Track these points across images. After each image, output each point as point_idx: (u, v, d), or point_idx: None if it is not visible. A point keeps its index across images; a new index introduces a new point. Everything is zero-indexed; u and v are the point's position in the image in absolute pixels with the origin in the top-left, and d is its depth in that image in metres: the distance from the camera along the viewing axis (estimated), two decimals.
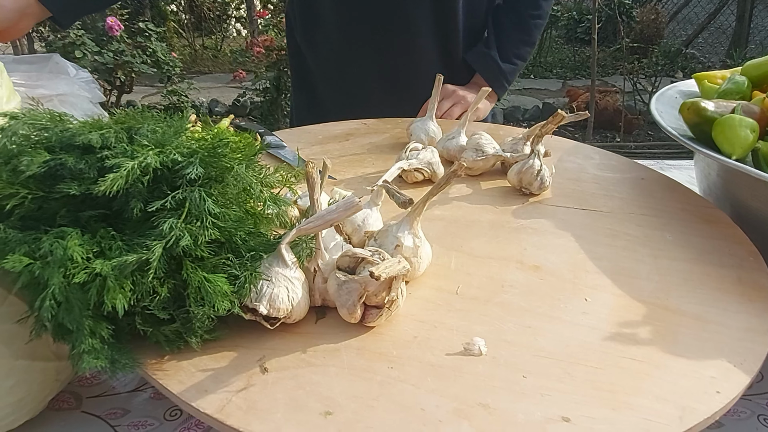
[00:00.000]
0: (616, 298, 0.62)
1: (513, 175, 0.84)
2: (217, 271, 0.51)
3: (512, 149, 0.88)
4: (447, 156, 0.92)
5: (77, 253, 0.45)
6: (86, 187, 0.47)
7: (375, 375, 0.51)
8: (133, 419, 0.62)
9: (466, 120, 0.94)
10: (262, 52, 4.01)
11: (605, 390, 0.50)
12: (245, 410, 0.47)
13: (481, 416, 0.47)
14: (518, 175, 0.83)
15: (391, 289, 0.54)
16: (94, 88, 1.21)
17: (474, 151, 0.88)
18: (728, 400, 0.50)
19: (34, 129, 0.49)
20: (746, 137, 0.75)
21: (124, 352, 0.49)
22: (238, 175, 0.52)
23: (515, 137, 0.90)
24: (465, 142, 0.91)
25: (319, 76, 1.31)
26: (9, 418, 0.56)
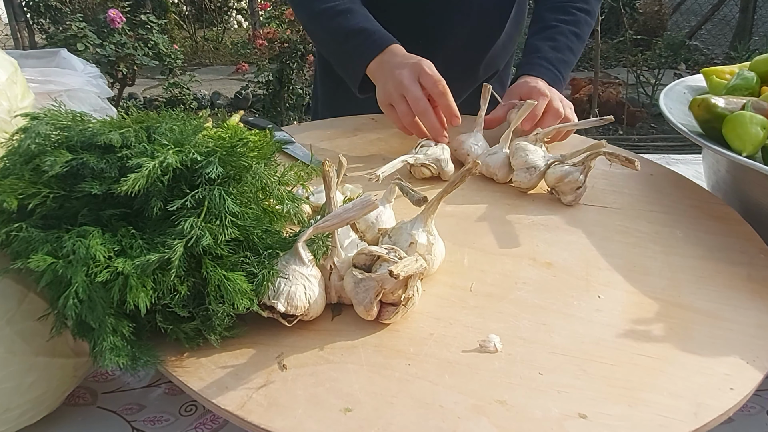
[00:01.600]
0: (628, 295, 0.63)
1: (553, 176, 0.80)
2: (236, 269, 0.51)
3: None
4: (487, 172, 0.87)
5: (99, 252, 0.45)
6: (107, 186, 0.47)
7: (393, 372, 0.51)
8: (148, 415, 0.63)
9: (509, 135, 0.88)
10: (264, 45, 3.99)
11: (620, 386, 0.51)
12: (266, 407, 0.48)
13: (499, 413, 0.48)
14: (558, 180, 0.80)
15: (408, 286, 0.55)
16: (102, 83, 1.21)
17: (525, 171, 0.82)
18: (741, 397, 0.51)
19: (55, 129, 0.50)
20: (757, 134, 0.76)
21: (144, 349, 0.50)
22: (257, 173, 0.52)
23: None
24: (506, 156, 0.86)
25: None
26: (29, 413, 0.56)
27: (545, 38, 1.08)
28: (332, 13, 1.01)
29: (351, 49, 0.99)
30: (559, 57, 1.06)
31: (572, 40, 1.08)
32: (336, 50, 1.05)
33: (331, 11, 1.01)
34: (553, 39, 1.08)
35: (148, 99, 4.73)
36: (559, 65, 1.05)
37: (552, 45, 1.07)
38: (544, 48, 1.07)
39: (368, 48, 0.96)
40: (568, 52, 1.07)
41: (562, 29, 1.09)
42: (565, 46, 1.07)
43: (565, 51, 1.07)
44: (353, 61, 0.99)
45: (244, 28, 6.32)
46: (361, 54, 0.97)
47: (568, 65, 1.07)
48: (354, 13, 1.00)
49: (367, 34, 0.97)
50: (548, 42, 1.07)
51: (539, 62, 1.05)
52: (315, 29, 1.08)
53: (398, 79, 0.90)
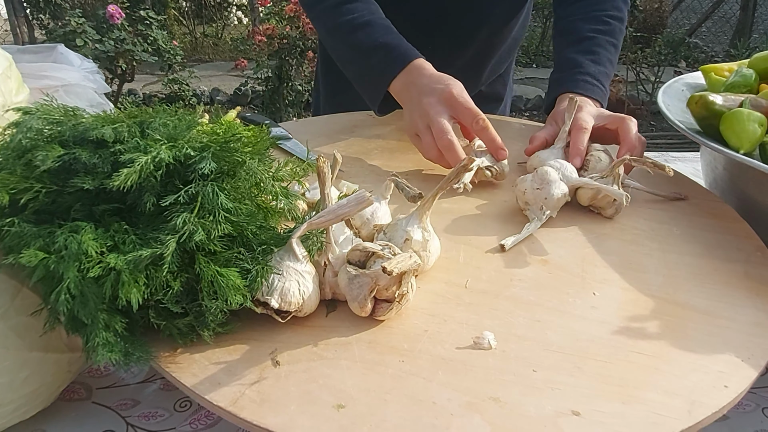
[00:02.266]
0: (624, 292, 0.63)
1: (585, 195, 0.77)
2: (230, 265, 0.51)
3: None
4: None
5: (91, 248, 0.45)
6: (100, 181, 0.47)
7: (387, 368, 0.51)
8: (143, 410, 0.63)
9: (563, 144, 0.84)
10: (263, 41, 3.99)
11: (615, 384, 0.51)
12: (258, 403, 0.47)
13: (492, 410, 0.48)
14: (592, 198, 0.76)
15: (402, 283, 0.55)
16: (99, 78, 1.21)
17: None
18: (736, 395, 0.51)
19: (48, 123, 0.49)
20: (754, 131, 0.75)
21: (137, 345, 0.50)
22: (251, 169, 0.52)
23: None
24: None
25: None
26: (23, 408, 0.56)
27: (584, 51, 1.01)
28: (351, 27, 0.95)
29: (371, 66, 0.94)
30: (601, 70, 0.99)
31: (611, 51, 1.02)
32: (356, 67, 0.98)
33: (349, 25, 0.96)
34: (592, 52, 1.01)
35: (148, 95, 4.72)
36: (602, 79, 0.99)
37: (592, 59, 1.00)
38: (585, 63, 0.99)
39: (390, 65, 0.91)
40: (609, 65, 1.01)
41: (599, 41, 1.02)
42: (606, 59, 1.01)
43: (606, 64, 1.00)
44: (374, 78, 0.94)
45: (244, 24, 6.32)
46: (382, 71, 0.92)
47: (609, 78, 1.01)
48: (374, 26, 0.95)
49: (389, 49, 0.92)
50: (588, 56, 1.00)
51: (583, 77, 0.97)
52: (334, 45, 1.02)
53: (425, 108, 0.84)
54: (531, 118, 4.66)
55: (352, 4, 0.97)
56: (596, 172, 0.81)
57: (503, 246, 0.68)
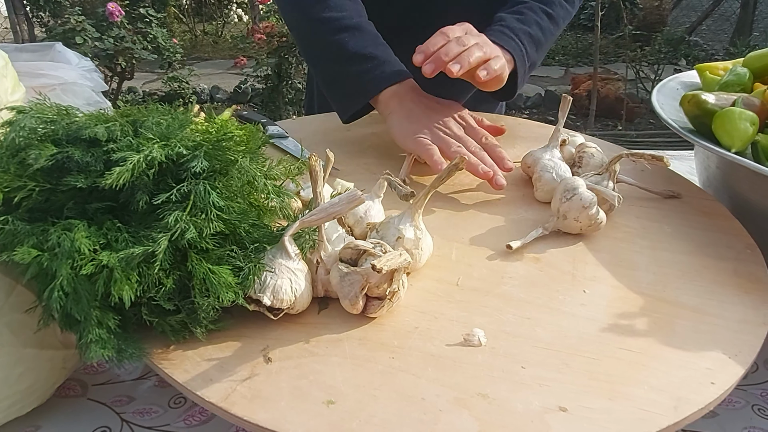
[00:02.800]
0: (614, 289, 0.63)
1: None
2: (222, 262, 0.52)
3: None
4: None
5: (84, 245, 0.46)
6: (93, 180, 0.48)
7: (377, 365, 0.52)
8: (138, 407, 0.63)
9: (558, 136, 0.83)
10: (263, 39, 3.99)
11: (602, 380, 0.51)
12: (250, 399, 0.48)
13: (480, 406, 0.48)
14: None
15: (393, 280, 0.55)
16: (97, 76, 1.21)
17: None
18: (722, 391, 0.51)
19: (41, 122, 0.50)
20: (746, 130, 0.76)
21: (130, 341, 0.50)
22: (243, 168, 0.53)
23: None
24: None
25: None
26: (18, 405, 0.57)
27: (512, 12, 0.99)
28: (338, 27, 0.91)
29: (359, 74, 0.90)
30: (524, 28, 0.94)
31: (542, 17, 0.98)
32: (337, 69, 0.93)
33: (335, 23, 0.91)
34: (520, 13, 0.98)
35: (147, 93, 4.73)
36: (522, 36, 0.93)
37: (518, 18, 0.97)
38: (508, 18, 0.96)
39: (380, 78, 0.88)
40: (536, 27, 0.96)
41: (531, 5, 0.99)
42: (533, 21, 0.97)
43: (532, 25, 0.96)
44: (358, 87, 0.90)
45: (244, 22, 6.32)
46: (370, 82, 0.89)
47: (534, 40, 0.96)
48: (363, 33, 0.91)
49: (380, 62, 0.89)
50: (515, 15, 0.97)
51: (499, 29, 0.93)
52: (308, 36, 0.97)
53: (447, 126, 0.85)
54: (531, 117, 4.66)
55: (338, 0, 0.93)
56: (590, 168, 0.81)
57: (510, 246, 0.69)
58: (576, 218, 0.71)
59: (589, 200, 0.71)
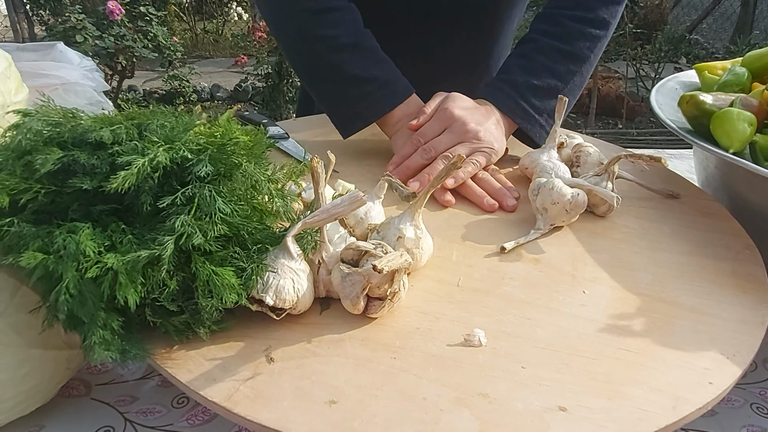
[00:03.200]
0: (613, 290, 0.64)
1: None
2: (225, 264, 0.52)
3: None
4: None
5: (89, 248, 0.46)
6: (98, 182, 0.48)
7: (378, 365, 0.52)
8: (141, 406, 0.64)
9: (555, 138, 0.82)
10: (263, 37, 3.99)
11: (601, 380, 0.52)
12: (252, 399, 0.49)
13: (481, 405, 0.49)
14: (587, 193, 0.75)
15: (394, 281, 0.56)
16: (98, 76, 1.22)
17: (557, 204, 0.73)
18: (720, 391, 0.52)
19: (47, 125, 0.50)
20: (744, 131, 0.76)
21: (134, 342, 0.51)
22: (247, 171, 0.53)
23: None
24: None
25: None
26: (22, 405, 0.57)
27: (520, 56, 0.88)
28: (334, 46, 0.86)
29: (356, 99, 0.86)
30: (528, 81, 0.85)
31: (555, 59, 0.86)
32: (332, 91, 0.89)
33: (331, 42, 0.86)
34: (527, 57, 0.87)
35: (148, 91, 4.73)
36: (525, 92, 0.85)
37: (524, 65, 0.87)
38: (513, 68, 0.87)
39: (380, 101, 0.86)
40: (547, 76, 0.85)
41: (540, 45, 0.87)
42: (543, 67, 0.86)
43: (541, 73, 0.85)
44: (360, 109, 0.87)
45: (245, 21, 6.31)
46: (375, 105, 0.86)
47: (543, 91, 0.86)
48: (362, 51, 0.87)
49: (379, 85, 0.85)
50: (522, 61, 0.87)
51: (499, 84, 0.86)
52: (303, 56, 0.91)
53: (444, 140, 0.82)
54: None
55: (333, 14, 0.87)
56: (588, 166, 0.82)
57: (504, 248, 0.69)
58: (554, 203, 0.72)
59: (551, 183, 0.73)
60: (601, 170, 0.78)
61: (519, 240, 0.71)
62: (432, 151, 0.82)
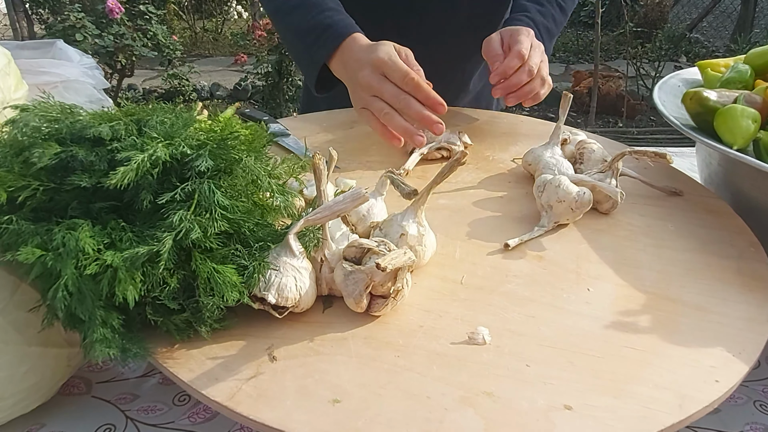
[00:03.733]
0: (618, 287, 0.63)
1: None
2: (226, 261, 0.52)
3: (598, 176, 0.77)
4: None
5: (88, 245, 0.46)
6: (97, 179, 0.48)
7: (382, 363, 0.52)
8: (142, 404, 0.63)
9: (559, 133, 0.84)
10: (263, 36, 3.98)
11: (606, 378, 0.51)
12: (255, 398, 0.48)
13: (485, 404, 0.48)
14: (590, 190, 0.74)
15: (397, 279, 0.55)
16: (98, 74, 1.21)
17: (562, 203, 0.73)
18: (727, 389, 0.51)
19: (45, 121, 0.50)
20: (748, 127, 0.76)
21: (134, 340, 0.50)
22: (247, 167, 0.53)
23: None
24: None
25: None
26: (23, 403, 0.57)
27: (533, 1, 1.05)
28: (287, 9, 0.96)
29: (306, 48, 0.92)
30: (543, 22, 1.01)
31: (556, 9, 1.05)
32: (294, 49, 0.99)
33: (285, 6, 0.96)
34: (540, 3, 1.04)
35: (147, 90, 4.72)
36: (542, 30, 1.00)
37: (539, 9, 1.03)
38: (531, 9, 1.02)
39: (322, 45, 0.90)
40: (551, 21, 1.03)
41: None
42: (550, 15, 1.03)
43: (549, 18, 1.02)
44: (308, 59, 0.93)
45: (244, 19, 6.30)
46: (315, 52, 0.90)
47: (550, 35, 1.03)
48: (307, 6, 0.93)
49: (321, 29, 0.90)
50: (536, 5, 1.04)
51: (526, 20, 0.99)
52: (277, 28, 1.03)
53: (364, 82, 0.82)
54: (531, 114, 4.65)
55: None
56: (591, 163, 0.81)
57: (507, 245, 0.69)
58: (560, 201, 0.72)
59: (558, 180, 0.72)
60: (604, 167, 0.77)
61: (523, 237, 0.70)
62: (533, 70, 0.89)
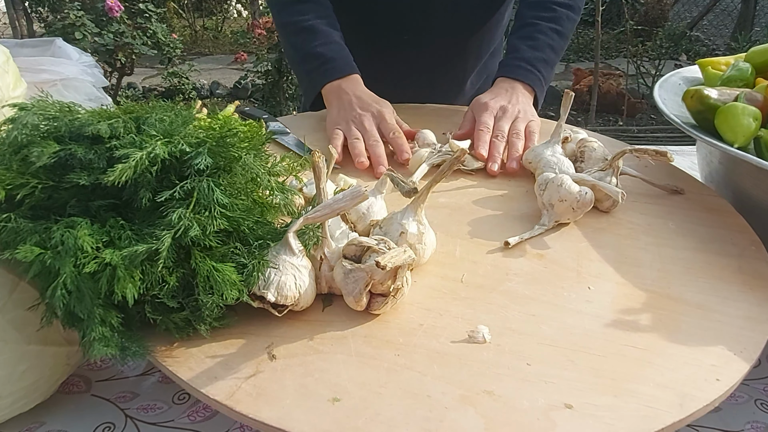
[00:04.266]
0: (619, 286, 0.63)
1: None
2: (226, 260, 0.51)
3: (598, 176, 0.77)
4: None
5: (87, 243, 0.46)
6: (96, 177, 0.48)
7: (382, 362, 0.52)
8: (142, 403, 0.63)
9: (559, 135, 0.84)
10: (263, 34, 3.97)
11: (607, 377, 0.51)
12: (255, 397, 0.48)
13: (486, 403, 0.48)
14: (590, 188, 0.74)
15: (397, 277, 0.55)
16: (97, 72, 1.21)
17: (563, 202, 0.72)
18: (727, 388, 0.51)
19: (44, 119, 0.50)
20: (749, 125, 0.75)
21: (134, 339, 0.50)
22: (246, 164, 0.53)
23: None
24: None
25: None
26: (22, 401, 0.57)
27: (524, 37, 1.06)
28: (294, 29, 1.03)
29: (306, 72, 1.02)
30: (538, 56, 1.03)
31: (552, 37, 1.05)
32: (295, 68, 1.09)
33: (293, 26, 1.03)
34: (532, 38, 1.05)
35: (147, 88, 4.71)
36: (538, 64, 1.02)
37: (531, 44, 1.04)
38: (522, 47, 1.04)
39: (321, 75, 0.99)
40: (549, 51, 1.04)
41: (541, 27, 1.05)
42: (545, 45, 1.04)
43: (545, 49, 1.03)
44: (306, 83, 1.03)
45: (244, 17, 6.29)
46: (314, 80, 1.00)
47: (548, 64, 1.04)
48: (315, 33, 1.01)
49: (323, 60, 0.99)
50: (527, 41, 1.05)
51: (517, 63, 1.02)
52: (282, 41, 1.11)
53: (359, 120, 0.92)
54: None
55: (303, 5, 1.04)
56: (592, 162, 0.81)
57: (508, 243, 0.69)
58: (561, 200, 0.72)
59: (560, 180, 0.72)
60: (605, 165, 0.77)
61: (523, 235, 0.70)
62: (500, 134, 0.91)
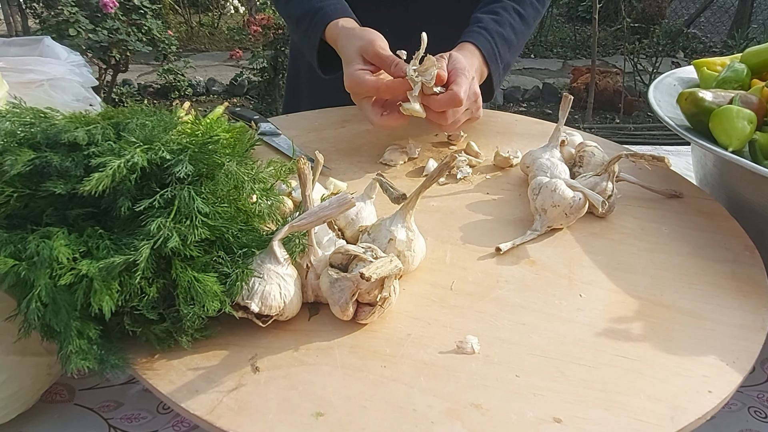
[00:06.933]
0: (610, 293, 0.62)
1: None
2: (208, 269, 0.50)
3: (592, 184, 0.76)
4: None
5: (63, 254, 0.44)
6: (72, 185, 0.46)
7: (368, 374, 0.51)
8: (126, 412, 0.62)
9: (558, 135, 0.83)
10: (259, 31, 3.95)
11: (597, 389, 0.50)
12: (236, 411, 0.47)
13: (473, 417, 0.47)
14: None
15: (384, 287, 0.54)
16: (86, 71, 1.19)
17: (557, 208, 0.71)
18: (720, 400, 0.50)
19: (19, 125, 0.48)
20: (743, 129, 0.74)
21: (113, 351, 0.49)
22: (230, 171, 0.51)
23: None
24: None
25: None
26: (2, 412, 0.56)
27: (488, 11, 1.05)
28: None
29: (303, 34, 1.01)
30: (498, 30, 1.01)
31: (514, 17, 1.04)
32: (295, 36, 1.07)
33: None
34: (496, 13, 1.04)
35: (143, 85, 4.69)
36: (497, 38, 1.00)
37: (494, 18, 1.03)
38: (485, 19, 1.03)
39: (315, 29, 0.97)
40: (509, 29, 1.03)
41: (505, 4, 1.05)
42: (507, 22, 1.03)
43: (505, 26, 1.02)
44: (306, 44, 1.00)
45: (241, 14, 6.26)
46: (311, 37, 0.98)
47: (507, 42, 1.02)
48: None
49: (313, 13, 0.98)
50: (491, 15, 1.04)
51: (478, 30, 1.00)
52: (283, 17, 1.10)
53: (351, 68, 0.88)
54: (528, 110, 4.63)
55: None
56: (591, 167, 0.80)
57: (499, 249, 0.67)
58: (554, 205, 0.71)
59: (554, 184, 0.71)
60: (601, 170, 0.76)
61: (515, 241, 0.69)
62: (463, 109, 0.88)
